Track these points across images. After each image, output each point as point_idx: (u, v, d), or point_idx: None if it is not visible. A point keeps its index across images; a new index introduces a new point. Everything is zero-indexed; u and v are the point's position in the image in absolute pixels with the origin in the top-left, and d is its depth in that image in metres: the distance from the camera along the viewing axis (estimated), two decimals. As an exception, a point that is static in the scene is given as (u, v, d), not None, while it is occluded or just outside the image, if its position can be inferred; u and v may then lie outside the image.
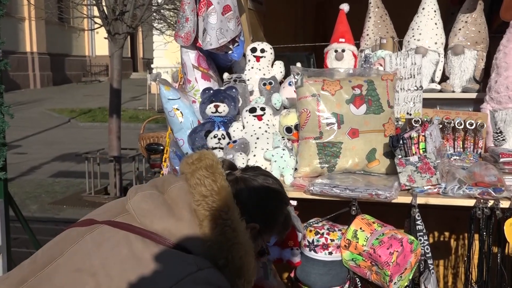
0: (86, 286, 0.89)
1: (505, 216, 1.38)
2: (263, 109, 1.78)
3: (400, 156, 1.47)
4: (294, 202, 1.52)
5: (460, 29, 1.94)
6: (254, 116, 1.76)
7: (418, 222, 1.45)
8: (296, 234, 1.52)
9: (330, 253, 1.49)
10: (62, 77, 18.60)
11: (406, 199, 1.44)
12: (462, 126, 1.73)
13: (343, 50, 2.00)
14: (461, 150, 1.76)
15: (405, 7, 2.05)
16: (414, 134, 1.46)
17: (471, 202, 1.40)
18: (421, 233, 1.46)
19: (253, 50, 2.05)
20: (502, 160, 1.57)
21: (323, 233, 1.51)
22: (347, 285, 1.51)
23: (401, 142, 1.47)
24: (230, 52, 1.94)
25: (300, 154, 1.64)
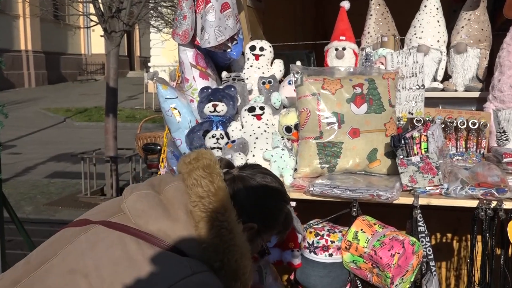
0: (78, 286, 0.88)
1: (509, 217, 1.37)
2: (262, 109, 1.77)
3: (402, 156, 1.46)
4: (294, 203, 1.51)
5: (463, 27, 1.94)
6: (253, 116, 1.75)
7: (420, 223, 1.44)
8: (297, 236, 1.51)
9: (331, 255, 1.48)
10: (58, 76, 18.51)
11: (408, 200, 1.43)
12: (465, 126, 1.73)
13: (344, 48, 2.00)
14: (464, 150, 1.76)
15: (407, 5, 2.04)
16: (416, 134, 1.45)
17: (474, 203, 1.39)
18: (423, 235, 1.45)
19: (252, 48, 2.04)
20: (506, 160, 1.57)
21: (323, 235, 1.50)
22: (348, 288, 1.50)
23: (403, 142, 1.45)
24: (229, 51, 1.93)
25: (300, 154, 1.63)
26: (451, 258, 1.92)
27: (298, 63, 1.84)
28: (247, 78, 2.00)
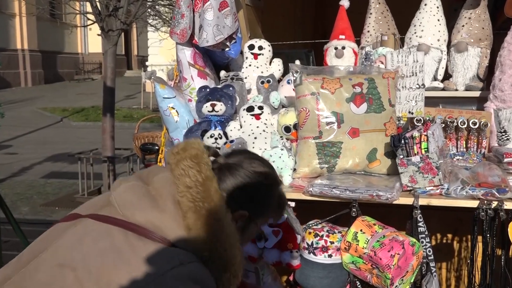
0: (67, 281, 0.87)
1: (509, 218, 1.38)
2: (261, 108, 1.76)
3: (402, 156, 1.45)
4: (293, 204, 1.51)
5: (463, 26, 1.94)
6: (252, 115, 1.74)
7: (420, 224, 1.44)
8: (296, 237, 1.50)
9: (330, 256, 1.47)
10: (54, 75, 18.43)
11: (408, 200, 1.43)
12: (465, 125, 1.72)
13: (343, 47, 1.99)
14: (464, 150, 1.75)
15: (407, 3, 2.04)
16: (416, 134, 1.44)
17: (475, 203, 1.39)
18: (423, 235, 1.45)
19: (251, 47, 2.03)
20: (506, 160, 1.57)
21: (323, 235, 1.49)
22: (347, 289, 1.49)
23: (403, 142, 1.45)
24: (227, 50, 1.92)
25: (299, 154, 1.62)
26: (452, 259, 1.92)
27: (297, 62, 1.84)
28: (246, 78, 2.00)
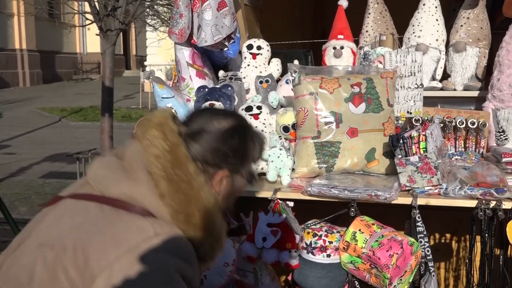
0: (47, 260, 0.89)
1: (508, 217, 1.37)
2: (260, 108, 1.76)
3: (400, 156, 1.45)
4: (291, 203, 1.51)
5: (462, 26, 1.93)
6: (251, 115, 1.74)
7: (419, 224, 1.44)
8: (294, 236, 1.50)
9: (328, 256, 1.47)
10: (53, 75, 18.39)
11: (406, 200, 1.43)
12: (464, 125, 1.72)
13: (342, 47, 1.99)
14: (463, 150, 1.76)
15: (405, 3, 2.03)
16: (415, 134, 1.44)
17: (473, 203, 1.39)
18: (422, 235, 1.45)
19: (249, 47, 2.03)
20: (505, 160, 1.57)
21: (321, 235, 1.49)
22: (346, 288, 1.49)
23: (401, 142, 1.45)
24: (226, 49, 1.92)
25: (298, 154, 1.62)
26: (450, 259, 1.92)
27: (296, 62, 1.83)
28: (244, 77, 1.99)
